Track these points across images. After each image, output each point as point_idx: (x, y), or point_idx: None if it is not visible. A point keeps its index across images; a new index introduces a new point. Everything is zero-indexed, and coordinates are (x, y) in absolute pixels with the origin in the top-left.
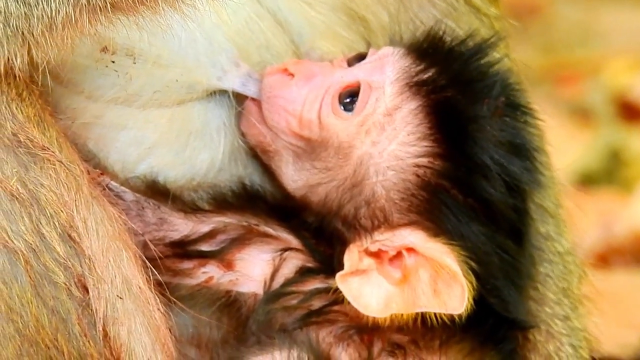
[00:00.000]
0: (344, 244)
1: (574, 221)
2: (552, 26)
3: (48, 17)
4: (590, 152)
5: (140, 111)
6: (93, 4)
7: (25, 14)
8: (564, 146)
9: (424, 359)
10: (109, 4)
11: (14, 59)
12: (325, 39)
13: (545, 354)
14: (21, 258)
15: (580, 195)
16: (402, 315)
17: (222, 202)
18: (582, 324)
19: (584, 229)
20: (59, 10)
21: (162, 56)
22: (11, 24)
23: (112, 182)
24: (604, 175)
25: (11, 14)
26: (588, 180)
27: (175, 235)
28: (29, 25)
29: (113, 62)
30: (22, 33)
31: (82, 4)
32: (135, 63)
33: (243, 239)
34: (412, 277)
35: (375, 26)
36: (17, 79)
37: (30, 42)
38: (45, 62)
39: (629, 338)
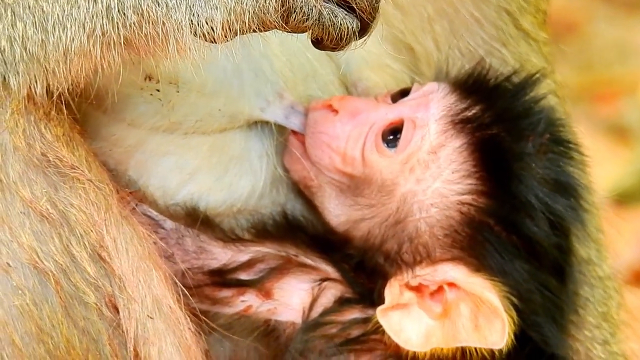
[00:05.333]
0: (384, 278)
1: (610, 239)
2: (590, 44)
3: (63, 45)
4: (627, 170)
5: (181, 138)
6: (107, 37)
7: (42, 40)
8: (600, 164)
9: None
10: (122, 39)
11: (35, 85)
12: (371, 70)
13: None
14: (51, 279)
15: (617, 213)
16: (441, 349)
17: (262, 231)
18: (620, 349)
19: (620, 247)
20: (73, 39)
21: (206, 85)
22: (28, 49)
23: (152, 211)
24: None
25: (29, 38)
26: (625, 198)
27: (214, 264)
28: (45, 53)
29: (158, 90)
30: (39, 60)
31: (96, 35)
32: (178, 92)
33: (282, 269)
34: (453, 311)
35: (422, 55)
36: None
37: (47, 70)
38: (79, 90)
39: None
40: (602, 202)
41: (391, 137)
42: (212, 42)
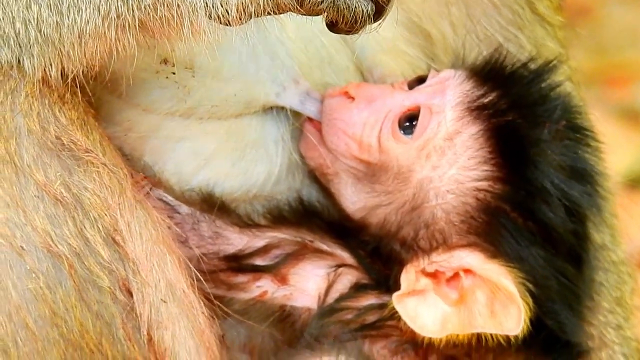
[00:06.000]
0: (400, 264)
1: (623, 224)
2: (603, 28)
3: (78, 27)
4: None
5: (197, 123)
6: (122, 20)
7: (57, 22)
8: (613, 148)
9: None
10: (137, 21)
11: (50, 68)
12: (387, 55)
13: None
14: (65, 262)
15: (630, 198)
16: (457, 335)
17: (278, 217)
18: (634, 334)
19: (633, 232)
20: (88, 21)
21: (221, 70)
22: (43, 31)
23: (167, 196)
24: None
25: (43, 21)
26: (637, 183)
27: (230, 249)
28: (60, 35)
29: (173, 73)
30: (53, 43)
31: (111, 17)
32: (194, 76)
33: (297, 255)
34: (469, 298)
35: (438, 39)
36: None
37: (61, 52)
38: (93, 73)
39: None
40: (615, 187)
41: (407, 124)
42: (227, 25)
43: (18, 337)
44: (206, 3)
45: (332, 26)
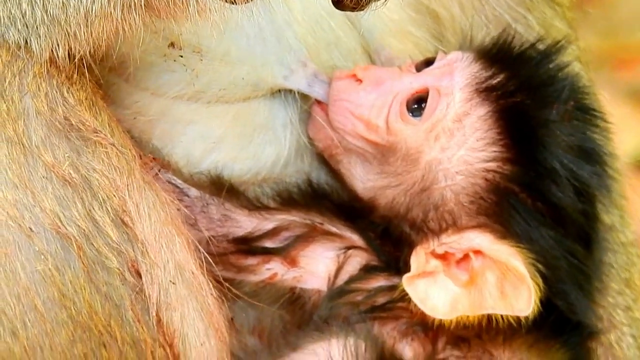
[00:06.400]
0: (410, 246)
1: (632, 205)
2: (612, 9)
3: (84, 7)
4: None
5: (205, 107)
6: None
7: (62, 2)
8: (622, 130)
9: (488, 350)
10: (143, 0)
11: (57, 49)
12: (395, 37)
13: (607, 343)
14: (74, 244)
15: (638, 179)
16: (467, 316)
17: (287, 199)
18: None
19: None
20: (94, 1)
21: (229, 53)
22: (49, 12)
23: (176, 179)
24: None
25: (49, 1)
26: None
27: (239, 232)
28: (66, 15)
29: (181, 56)
30: (60, 23)
31: None
32: (202, 60)
33: (307, 237)
34: (479, 279)
35: (447, 20)
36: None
37: (68, 33)
38: (101, 57)
39: None
40: (624, 168)
41: (416, 106)
42: (232, 3)
43: (27, 318)
44: None
45: (338, 3)
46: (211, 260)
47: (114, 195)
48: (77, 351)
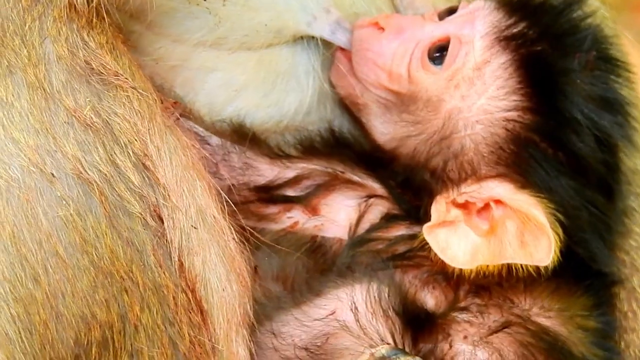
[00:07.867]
0: (430, 195)
1: None
2: None
3: None
4: None
5: (228, 54)
6: None
7: None
8: None
9: (508, 298)
10: None
11: None
12: None
13: (630, 286)
14: (95, 189)
15: None
16: (487, 266)
17: (309, 147)
18: None
19: None
20: None
21: None
22: None
23: (197, 127)
24: None
25: None
26: None
27: (260, 180)
28: None
29: (204, 0)
30: None
31: None
32: (224, 5)
33: (328, 185)
34: (499, 228)
35: None
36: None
37: None
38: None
39: None
40: None
41: (437, 54)
42: None
43: (48, 264)
44: None
45: None
46: (234, 207)
47: (135, 139)
48: (99, 297)
